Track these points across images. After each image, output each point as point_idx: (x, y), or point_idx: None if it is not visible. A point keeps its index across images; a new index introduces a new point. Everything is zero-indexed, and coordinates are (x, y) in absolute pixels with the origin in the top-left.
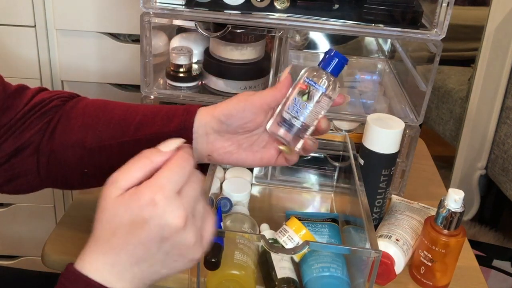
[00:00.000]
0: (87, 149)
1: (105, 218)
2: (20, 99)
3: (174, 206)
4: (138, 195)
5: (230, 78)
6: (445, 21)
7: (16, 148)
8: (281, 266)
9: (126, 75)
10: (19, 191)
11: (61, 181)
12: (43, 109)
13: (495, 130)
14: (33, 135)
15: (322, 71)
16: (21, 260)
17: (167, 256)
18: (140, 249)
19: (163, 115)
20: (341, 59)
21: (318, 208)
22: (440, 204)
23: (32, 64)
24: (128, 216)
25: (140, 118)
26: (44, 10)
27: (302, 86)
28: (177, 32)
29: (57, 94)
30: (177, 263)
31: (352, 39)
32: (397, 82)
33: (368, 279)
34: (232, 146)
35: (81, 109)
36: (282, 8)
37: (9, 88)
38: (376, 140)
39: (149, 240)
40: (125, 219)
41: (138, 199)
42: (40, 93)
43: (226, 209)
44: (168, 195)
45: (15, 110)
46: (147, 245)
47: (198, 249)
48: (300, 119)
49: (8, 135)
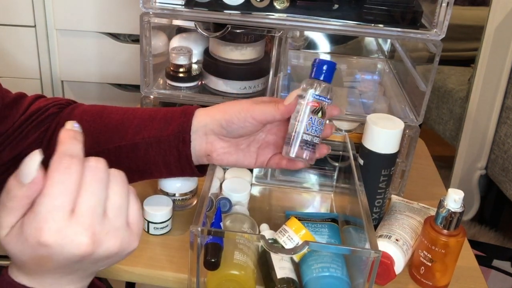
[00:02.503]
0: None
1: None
2: (17, 109)
3: (70, 236)
4: (25, 237)
5: (230, 78)
6: (445, 21)
7: (14, 158)
8: (280, 266)
9: (126, 75)
10: None
11: None
12: (40, 118)
13: (495, 130)
14: (31, 144)
15: (321, 82)
16: None
17: (97, 263)
18: (60, 272)
19: (160, 118)
20: (331, 65)
21: (318, 208)
22: (440, 204)
23: (32, 64)
24: (27, 256)
25: (137, 122)
26: (44, 10)
27: (314, 104)
28: (177, 32)
29: (53, 102)
30: (112, 259)
31: (352, 39)
32: (397, 82)
33: (367, 279)
34: (231, 147)
35: (78, 116)
36: (281, 8)
37: (7, 97)
38: (376, 140)
39: (64, 267)
40: (26, 258)
41: (26, 241)
42: (36, 101)
43: (225, 209)
44: (57, 228)
45: (12, 119)
46: (66, 269)
47: (131, 242)
48: (319, 136)
49: (5, 145)
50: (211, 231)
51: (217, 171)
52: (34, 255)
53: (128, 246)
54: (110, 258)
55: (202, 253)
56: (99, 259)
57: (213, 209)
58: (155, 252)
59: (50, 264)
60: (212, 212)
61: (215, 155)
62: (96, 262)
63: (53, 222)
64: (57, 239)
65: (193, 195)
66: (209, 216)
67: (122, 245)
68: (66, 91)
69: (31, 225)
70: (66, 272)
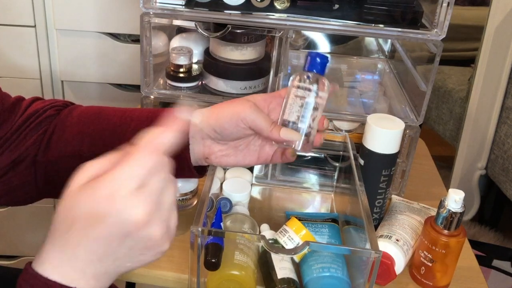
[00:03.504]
0: (84, 157)
1: (63, 211)
2: (15, 112)
3: (134, 202)
4: (95, 189)
5: (230, 78)
6: (445, 21)
7: (12, 161)
8: (281, 267)
9: (126, 75)
10: (17, 203)
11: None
12: (37, 120)
13: (495, 130)
14: (29, 147)
15: (310, 73)
16: (21, 260)
17: (132, 250)
18: (99, 244)
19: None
20: (323, 58)
21: (318, 208)
22: (440, 205)
23: (32, 64)
24: (84, 209)
25: (135, 124)
26: (44, 10)
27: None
28: (177, 32)
29: (51, 104)
30: (144, 256)
31: (352, 39)
32: (397, 82)
33: (368, 280)
34: (228, 149)
35: (76, 118)
36: (282, 8)
37: (7, 101)
38: (376, 140)
39: (109, 236)
40: (82, 212)
41: (95, 192)
42: (33, 103)
43: (226, 209)
44: (126, 191)
45: (11, 123)
46: (107, 240)
47: (166, 241)
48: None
49: (4, 149)
50: (211, 231)
51: (218, 171)
52: (90, 211)
53: (162, 243)
54: (146, 249)
55: (203, 253)
56: (140, 241)
57: (213, 209)
58: None
59: (99, 228)
60: (212, 212)
61: (213, 157)
62: (133, 247)
63: (126, 185)
64: (123, 200)
65: (194, 195)
66: (209, 216)
67: (161, 237)
68: (66, 91)
69: (108, 178)
70: (101, 253)
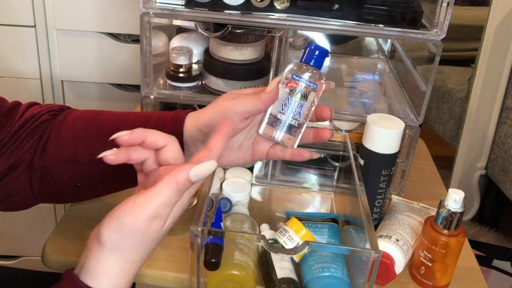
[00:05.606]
0: (79, 162)
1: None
2: (12, 117)
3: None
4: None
5: (230, 78)
6: (445, 21)
7: (8, 167)
8: (281, 266)
9: (126, 75)
10: (13, 209)
11: (55, 196)
12: (33, 125)
13: (495, 130)
14: (25, 152)
15: (306, 65)
16: (21, 260)
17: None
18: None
19: (152, 126)
20: (322, 50)
21: (318, 208)
22: (440, 204)
23: (32, 64)
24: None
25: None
26: (44, 10)
27: (292, 85)
28: (177, 32)
29: (47, 108)
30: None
31: (352, 39)
32: (397, 82)
33: (368, 279)
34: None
35: (71, 122)
36: (282, 8)
37: (4, 106)
38: (376, 140)
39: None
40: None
41: (128, 202)
42: (30, 108)
43: (226, 209)
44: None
45: (7, 128)
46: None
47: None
48: (294, 117)
49: (0, 154)
50: (211, 231)
51: (218, 171)
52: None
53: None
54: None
55: (203, 253)
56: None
57: (213, 209)
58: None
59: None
60: (212, 212)
61: None
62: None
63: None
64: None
65: (193, 195)
66: (209, 216)
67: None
68: (66, 91)
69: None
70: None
